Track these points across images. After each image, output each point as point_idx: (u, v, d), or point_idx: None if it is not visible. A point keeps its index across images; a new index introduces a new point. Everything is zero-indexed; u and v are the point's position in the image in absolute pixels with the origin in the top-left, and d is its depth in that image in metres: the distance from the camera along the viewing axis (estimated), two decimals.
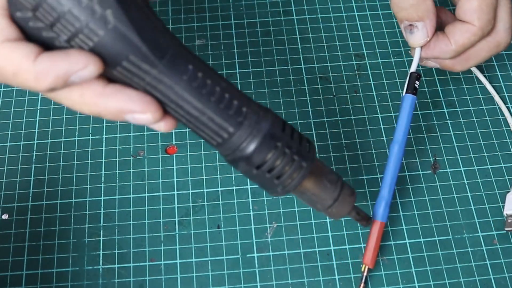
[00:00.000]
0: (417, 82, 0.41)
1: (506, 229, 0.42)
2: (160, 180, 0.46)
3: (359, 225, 0.43)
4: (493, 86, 0.50)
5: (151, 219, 0.44)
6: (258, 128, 0.29)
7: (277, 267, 0.42)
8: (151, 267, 0.42)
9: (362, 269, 0.40)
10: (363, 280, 0.40)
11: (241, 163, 0.30)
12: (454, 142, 0.47)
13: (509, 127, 0.48)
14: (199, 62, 0.29)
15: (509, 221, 0.43)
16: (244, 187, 0.45)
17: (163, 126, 0.29)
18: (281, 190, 0.31)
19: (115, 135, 0.48)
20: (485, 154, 0.47)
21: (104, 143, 0.47)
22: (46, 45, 0.27)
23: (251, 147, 0.29)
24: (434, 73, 0.51)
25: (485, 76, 0.50)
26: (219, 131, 0.29)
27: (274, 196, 0.37)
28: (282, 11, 0.55)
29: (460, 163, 0.46)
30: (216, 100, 0.28)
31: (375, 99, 0.49)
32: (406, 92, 0.41)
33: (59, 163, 0.47)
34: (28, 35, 0.27)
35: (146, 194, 0.45)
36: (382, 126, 0.48)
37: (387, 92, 0.50)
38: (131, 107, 0.28)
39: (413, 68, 0.42)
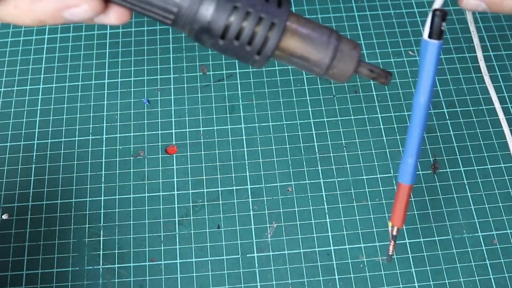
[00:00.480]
0: (443, 24, 0.31)
1: None
2: (160, 180, 0.46)
3: (359, 224, 0.44)
4: (493, 87, 0.50)
5: (151, 219, 0.44)
6: None
7: (277, 267, 0.42)
8: (151, 267, 0.42)
9: (390, 228, 0.37)
10: (393, 240, 0.37)
11: (204, 36, 0.27)
12: (454, 142, 0.47)
13: (509, 127, 0.48)
14: None
15: None
16: (244, 187, 0.45)
17: (113, 17, 0.28)
18: (259, 58, 0.28)
19: (115, 135, 0.48)
20: (485, 154, 0.47)
21: (104, 143, 0.47)
22: None
23: (207, 14, 0.27)
24: None
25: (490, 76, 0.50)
26: (166, 5, 0.27)
27: (257, 68, 0.33)
28: None
29: (460, 163, 0.46)
30: None
31: (375, 99, 0.49)
32: (429, 37, 0.31)
33: (59, 163, 0.47)
34: None
35: (146, 194, 0.45)
36: (382, 126, 0.48)
37: (387, 92, 0.50)
38: (65, 2, 0.27)
39: (437, 4, 0.31)
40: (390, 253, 0.38)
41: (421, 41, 0.31)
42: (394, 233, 0.37)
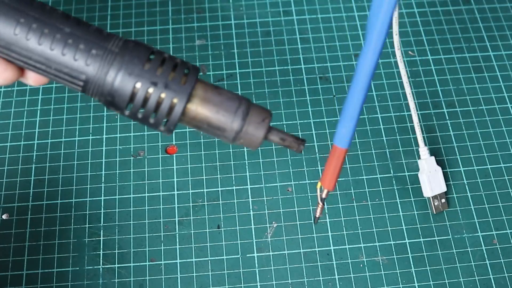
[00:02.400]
0: None
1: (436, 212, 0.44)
2: (160, 180, 0.46)
3: (359, 224, 0.44)
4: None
5: (151, 219, 0.44)
6: (109, 69, 0.28)
7: (277, 267, 0.42)
8: (151, 267, 0.42)
9: (318, 189, 0.35)
10: (321, 202, 0.35)
11: (111, 107, 0.29)
12: (454, 142, 0.47)
13: (509, 127, 0.48)
14: (35, 12, 0.29)
15: (435, 204, 0.44)
16: (244, 187, 0.45)
17: (31, 81, 0.30)
18: (164, 128, 0.30)
19: (115, 135, 0.48)
20: (485, 154, 0.47)
21: (104, 143, 0.47)
22: None
23: (112, 87, 0.28)
24: (434, 73, 0.51)
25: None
26: (73, 80, 0.28)
27: (166, 135, 0.33)
28: (282, 11, 0.55)
29: (460, 163, 0.46)
30: (58, 48, 0.28)
31: (375, 99, 0.49)
32: None
33: (59, 163, 0.47)
34: None
35: (146, 194, 0.45)
36: (382, 126, 0.48)
37: (387, 92, 0.50)
38: None
39: None
40: (317, 216, 0.36)
41: None
42: (324, 195, 0.35)
